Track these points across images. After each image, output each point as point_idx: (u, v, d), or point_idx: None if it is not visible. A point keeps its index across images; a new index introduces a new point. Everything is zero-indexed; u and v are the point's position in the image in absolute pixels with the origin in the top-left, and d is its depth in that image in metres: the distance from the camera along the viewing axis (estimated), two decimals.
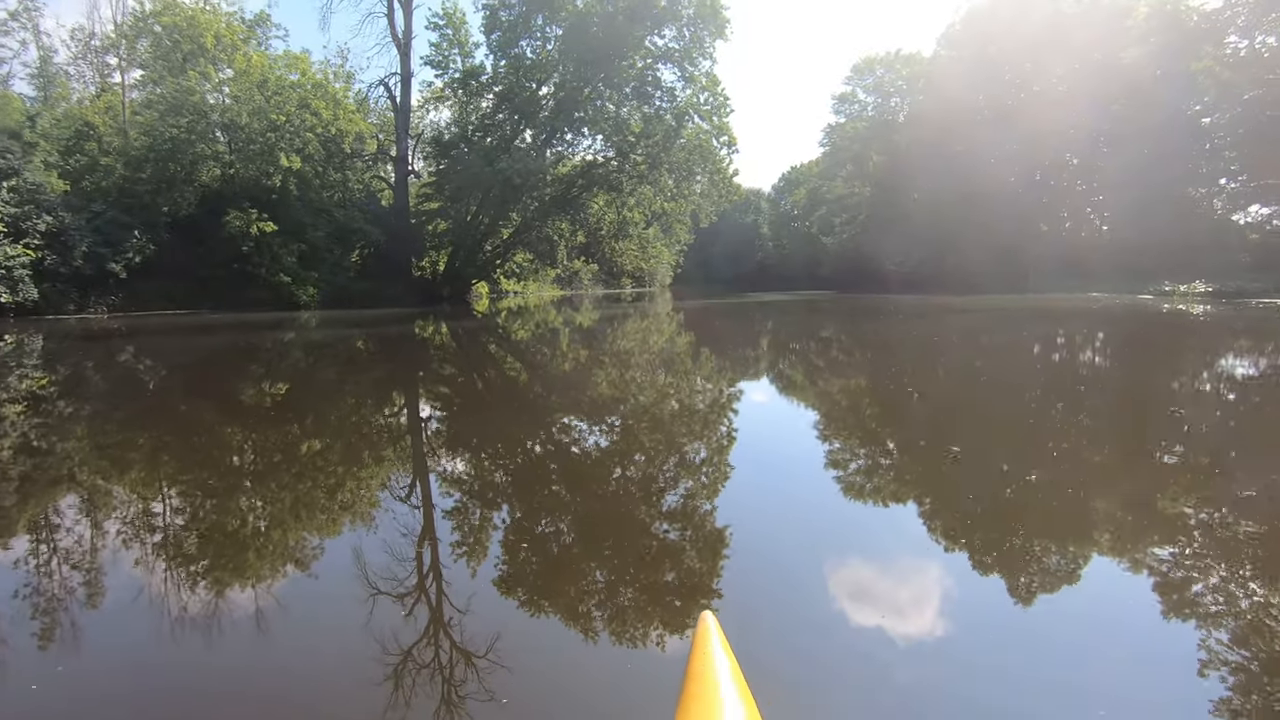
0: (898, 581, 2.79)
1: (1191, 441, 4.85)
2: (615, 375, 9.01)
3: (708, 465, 4.52)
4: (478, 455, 4.91)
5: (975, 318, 16.48)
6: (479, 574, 2.80)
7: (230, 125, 23.89)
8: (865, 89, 53.17)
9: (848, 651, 2.25)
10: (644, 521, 3.42)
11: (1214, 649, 2.08)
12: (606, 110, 29.36)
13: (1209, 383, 7.36)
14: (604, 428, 5.71)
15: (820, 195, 59.81)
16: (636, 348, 12.78)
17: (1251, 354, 9.68)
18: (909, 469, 4.56)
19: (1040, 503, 3.65)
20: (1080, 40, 33.07)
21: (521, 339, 15.14)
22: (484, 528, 3.37)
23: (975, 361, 9.83)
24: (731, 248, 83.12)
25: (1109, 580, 2.70)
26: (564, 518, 3.54)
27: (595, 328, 18.46)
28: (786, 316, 22.54)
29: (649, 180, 30.07)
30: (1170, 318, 13.82)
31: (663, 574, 2.79)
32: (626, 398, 7.20)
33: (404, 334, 16.51)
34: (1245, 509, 3.38)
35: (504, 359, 11.45)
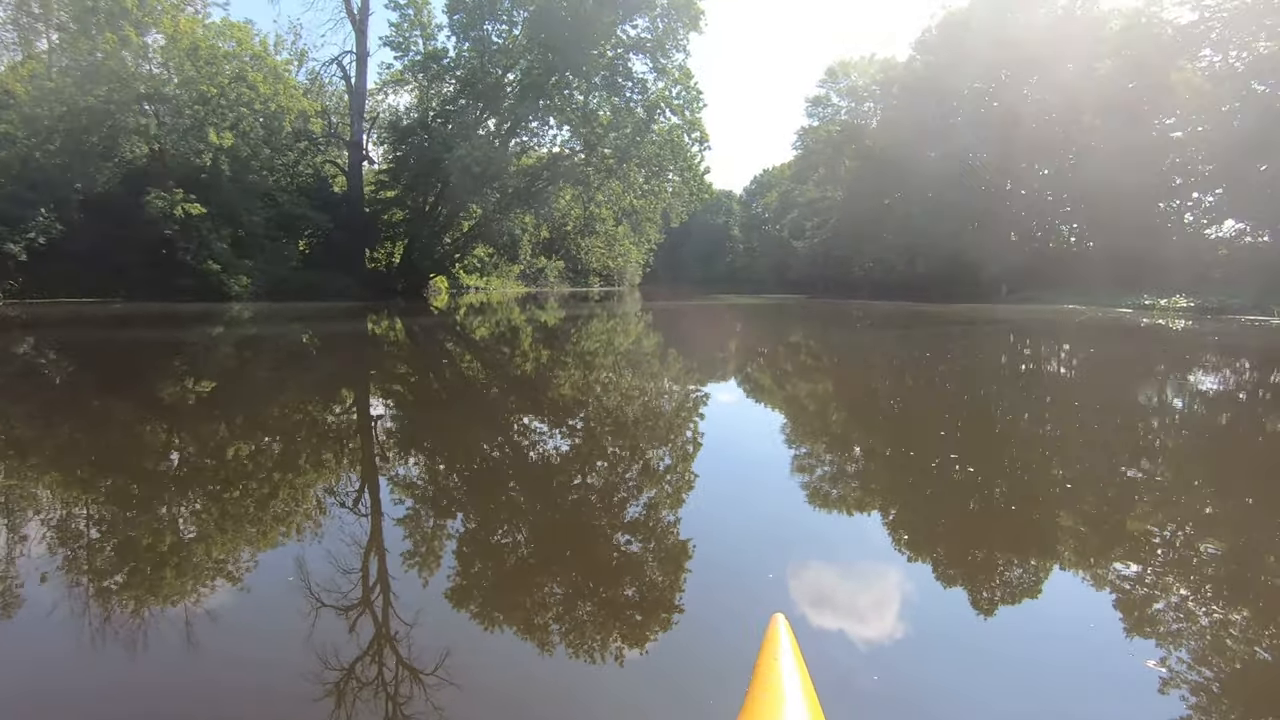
0: (860, 589, 2.75)
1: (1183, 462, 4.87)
2: (579, 377, 8.76)
3: (671, 473, 4.37)
4: (431, 460, 4.65)
5: (953, 329, 15.83)
6: (430, 586, 2.65)
7: (155, 96, 21.51)
8: (839, 92, 52.60)
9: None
10: (605, 530, 3.32)
11: (1174, 667, 2.07)
12: (574, 100, 27.83)
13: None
14: (565, 431, 5.52)
15: (792, 198, 59.15)
16: (601, 348, 12.45)
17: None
18: (876, 479, 4.52)
19: (1023, 517, 3.58)
20: (1054, 51, 32.68)
21: (481, 337, 14.52)
22: (436, 537, 3.21)
23: (969, 378, 9.60)
24: (702, 249, 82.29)
25: (1078, 595, 2.68)
26: (521, 527, 3.38)
27: (560, 327, 17.87)
28: (755, 320, 22.15)
29: (617, 175, 28.65)
30: (1174, 336, 13.02)
31: (624, 586, 2.69)
32: (589, 400, 7.02)
33: (352, 330, 15.60)
34: (1211, 528, 3.41)
35: (462, 358, 10.97)
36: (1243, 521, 3.45)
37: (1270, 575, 2.79)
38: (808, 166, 55.95)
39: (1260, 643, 2.24)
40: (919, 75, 42.19)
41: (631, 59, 28.01)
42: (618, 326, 18.65)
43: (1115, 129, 30.35)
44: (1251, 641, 2.26)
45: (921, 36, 43.14)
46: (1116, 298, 23.49)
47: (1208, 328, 15.08)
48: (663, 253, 74.60)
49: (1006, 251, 37.35)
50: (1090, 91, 31.59)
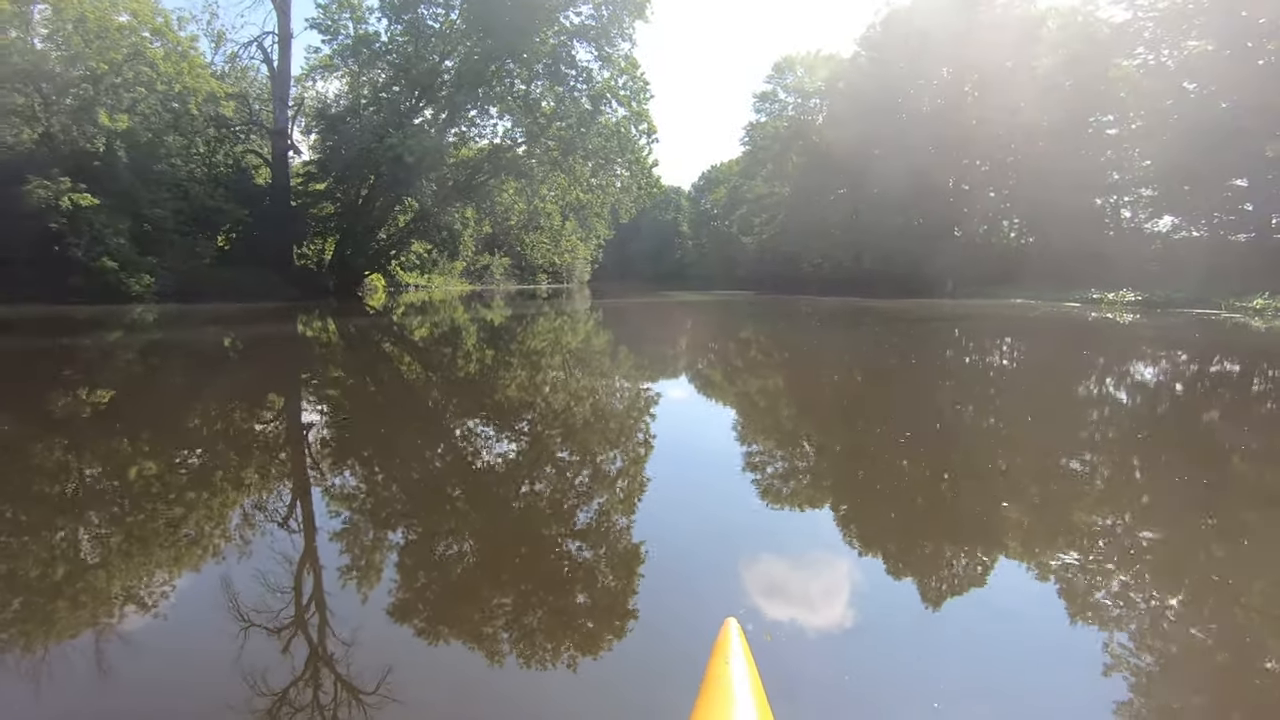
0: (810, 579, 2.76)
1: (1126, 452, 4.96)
2: (525, 377, 8.44)
3: (622, 476, 4.23)
4: (368, 469, 4.33)
5: (914, 327, 15.82)
6: (369, 601, 2.50)
7: (37, 73, 19.22)
8: (785, 88, 52.65)
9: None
10: (553, 537, 3.18)
11: (1117, 652, 2.12)
12: (516, 89, 26.57)
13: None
14: (510, 435, 5.31)
15: (740, 194, 59.01)
16: (549, 347, 12.09)
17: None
18: (828, 477, 4.49)
19: (972, 507, 3.63)
20: (994, 49, 33.23)
21: (421, 337, 13.87)
22: (375, 550, 3.01)
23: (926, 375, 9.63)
24: (651, 245, 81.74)
25: (1034, 587, 2.68)
26: (465, 536, 3.19)
27: (506, 325, 17.29)
28: (703, 318, 22.02)
29: (562, 167, 27.64)
30: (1132, 332, 12.77)
31: (572, 593, 2.61)
32: (535, 402, 6.77)
33: (276, 332, 14.64)
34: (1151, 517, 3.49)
35: (400, 360, 10.45)
36: (1201, 511, 3.45)
37: (1212, 562, 2.86)
38: (756, 163, 55.90)
39: (1198, 623, 2.34)
40: (864, 72, 42.53)
41: (576, 47, 27.05)
42: (565, 325, 18.15)
43: (1053, 126, 31.02)
44: (1191, 621, 2.36)
45: (867, 33, 43.47)
46: (1063, 292, 23.82)
47: (1162, 322, 15.49)
48: (612, 249, 73.83)
49: (951, 248, 37.90)
50: (1029, 89, 32.21)
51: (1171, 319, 15.25)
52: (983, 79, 35.42)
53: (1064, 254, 28.84)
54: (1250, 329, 13.12)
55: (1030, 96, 32.59)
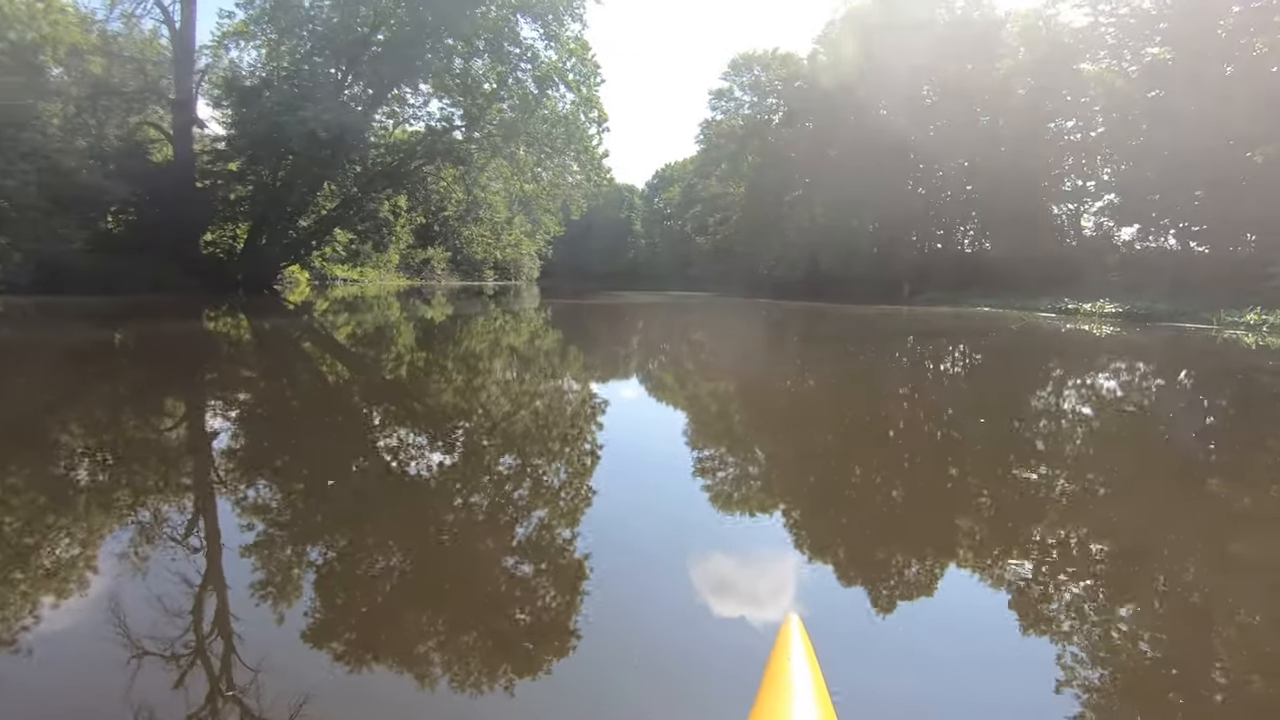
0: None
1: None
2: (462, 382, 7.78)
3: (567, 487, 3.86)
4: (282, 481, 3.87)
5: (891, 342, 13.46)
6: (285, 624, 2.23)
7: None
8: (742, 86, 51.27)
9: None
10: (490, 551, 2.89)
11: (1069, 665, 2.01)
12: (453, 65, 23.79)
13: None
14: (444, 444, 4.78)
15: (695, 193, 57.47)
16: (489, 350, 11.16)
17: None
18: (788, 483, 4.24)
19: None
20: (953, 50, 32.20)
21: (347, 336, 12.31)
22: (290, 569, 2.64)
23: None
24: (604, 243, 79.53)
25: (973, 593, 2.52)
26: (391, 552, 2.86)
27: (444, 325, 15.89)
28: (657, 319, 19.15)
29: (504, 154, 25.00)
30: (1164, 356, 11.24)
31: (509, 610, 2.39)
32: (472, 409, 6.13)
33: (172, 331, 12.30)
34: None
35: (321, 361, 9.47)
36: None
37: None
38: (711, 161, 54.40)
39: (1148, 631, 2.25)
40: (821, 71, 41.36)
41: (520, 23, 24.62)
42: (509, 325, 16.38)
43: (1012, 130, 30.25)
44: (1143, 629, 2.26)
45: (824, 32, 42.31)
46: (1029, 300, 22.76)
47: (1159, 339, 13.89)
48: (563, 246, 71.36)
49: (908, 252, 37.04)
50: (988, 92, 31.43)
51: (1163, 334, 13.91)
52: (941, 81, 34.55)
53: (1023, 261, 28.04)
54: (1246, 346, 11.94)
55: (989, 100, 31.87)
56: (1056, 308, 20.50)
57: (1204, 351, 11.63)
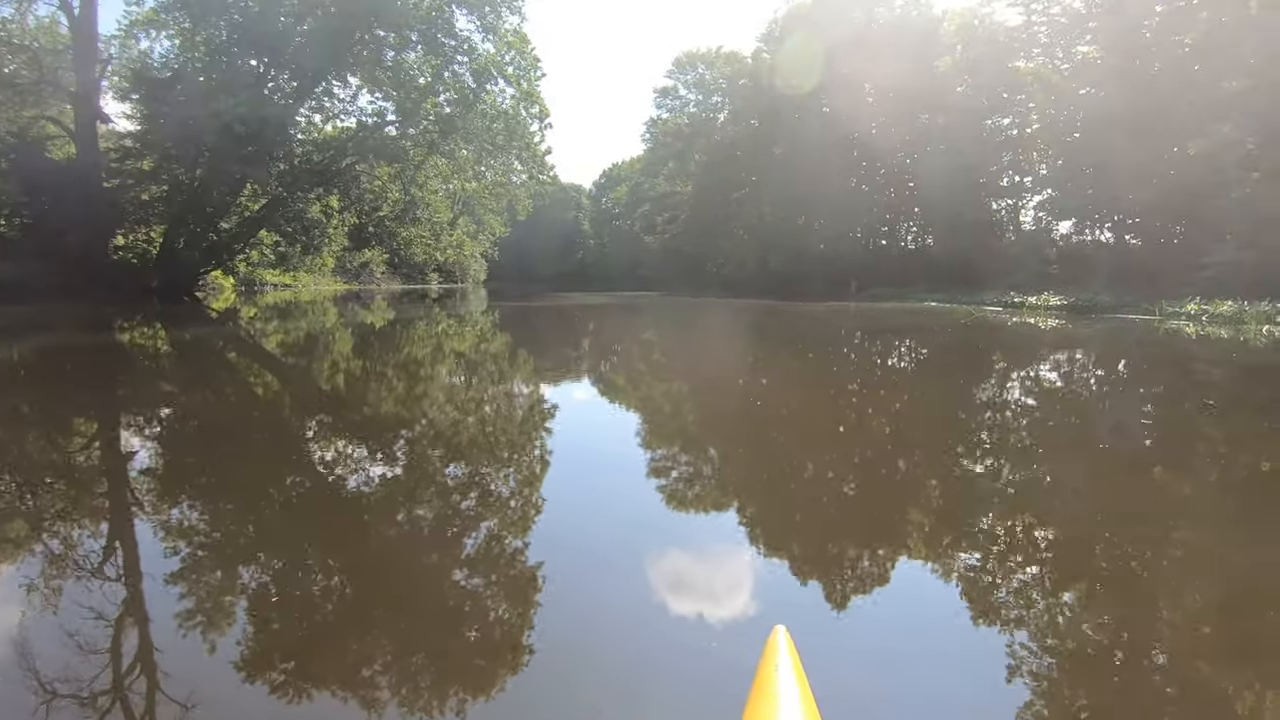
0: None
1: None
2: (403, 390, 7.22)
3: (517, 497, 3.60)
4: (208, 502, 3.50)
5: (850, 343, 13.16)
6: (216, 654, 2.03)
7: None
8: (687, 85, 51.09)
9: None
10: (436, 568, 2.67)
11: (1019, 654, 2.00)
12: (384, 57, 22.54)
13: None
14: (384, 456, 4.44)
15: (643, 192, 56.98)
16: (431, 355, 10.64)
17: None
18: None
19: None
20: (893, 48, 32.48)
21: (279, 346, 11.30)
22: (219, 595, 2.41)
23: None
24: (552, 244, 78.27)
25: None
26: (330, 571, 2.64)
27: (384, 331, 14.91)
28: (606, 320, 18.69)
29: (441, 151, 23.80)
30: (1122, 347, 11.08)
31: (460, 629, 2.22)
32: (415, 418, 5.71)
33: (78, 344, 11.08)
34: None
35: (250, 373, 8.73)
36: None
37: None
38: (658, 160, 54.04)
39: (1103, 623, 2.21)
40: (765, 69, 41.39)
41: (455, 14, 23.48)
42: (451, 330, 15.46)
43: (952, 127, 30.67)
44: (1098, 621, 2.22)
45: (768, 30, 42.37)
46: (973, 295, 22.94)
47: (1105, 330, 13.81)
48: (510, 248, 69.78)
49: (854, 249, 37.31)
50: (928, 90, 31.80)
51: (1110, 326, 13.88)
52: (881, 79, 34.91)
53: (964, 256, 28.49)
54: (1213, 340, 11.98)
55: (928, 98, 32.29)
56: (1002, 301, 20.68)
57: (1152, 343, 11.56)
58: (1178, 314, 15.08)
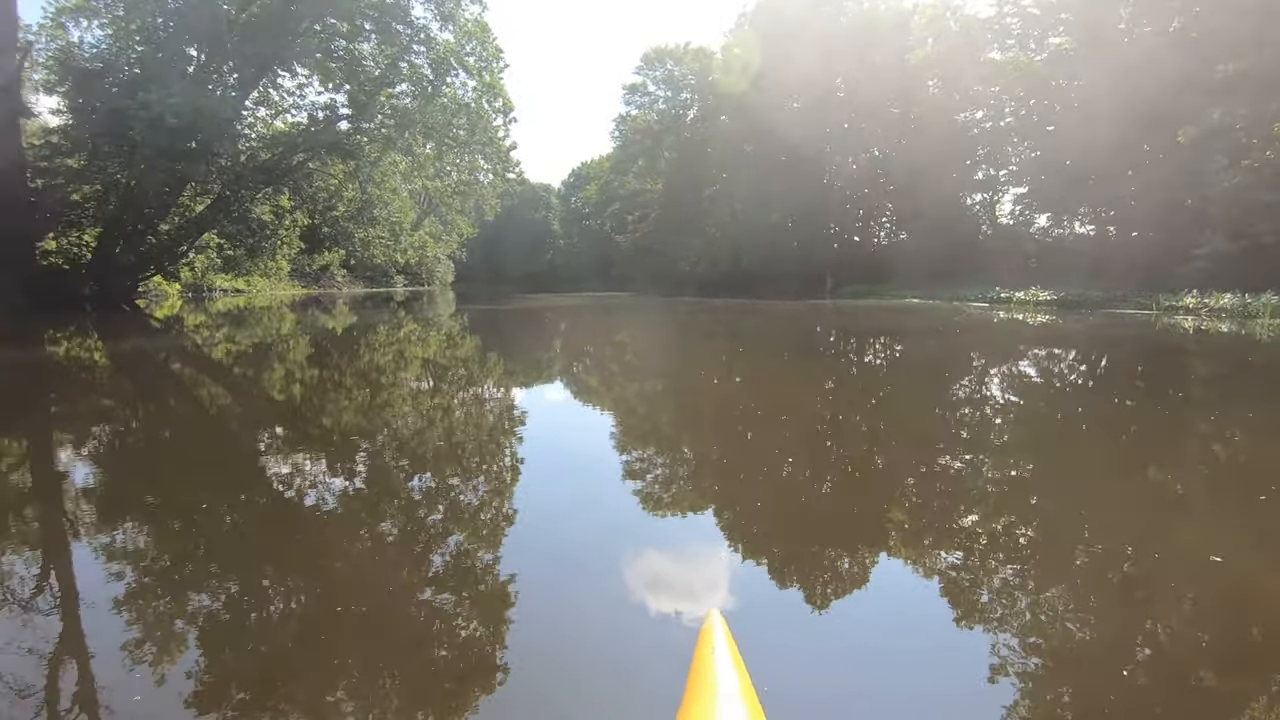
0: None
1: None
2: (363, 400, 6.58)
3: (486, 507, 3.41)
4: (154, 524, 3.20)
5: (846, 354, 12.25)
6: (164, 687, 1.85)
7: None
8: (655, 81, 49.98)
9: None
10: (404, 585, 2.48)
11: (1004, 654, 1.94)
12: (335, 46, 20.97)
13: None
14: (345, 470, 4.06)
15: (612, 190, 55.77)
16: (393, 362, 9.89)
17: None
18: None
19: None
20: (865, 41, 31.73)
21: (228, 356, 10.31)
22: (168, 623, 2.22)
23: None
24: (521, 245, 76.70)
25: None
26: (289, 594, 2.46)
27: (343, 338, 13.81)
28: (578, 323, 17.54)
29: (399, 147, 22.28)
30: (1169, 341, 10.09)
31: (430, 649, 2.08)
32: (376, 429, 5.29)
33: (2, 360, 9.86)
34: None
35: (197, 385, 7.84)
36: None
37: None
38: (627, 158, 52.89)
39: (1086, 621, 2.12)
40: (734, 65, 40.56)
41: (411, 1, 22.04)
42: (413, 336, 14.24)
43: (924, 121, 30.12)
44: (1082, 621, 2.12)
45: (736, 25, 41.55)
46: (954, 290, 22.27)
47: (1105, 327, 12.90)
48: (479, 249, 68.13)
49: (829, 245, 36.67)
50: (900, 83, 31.23)
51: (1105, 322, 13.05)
52: (853, 73, 34.29)
53: (940, 251, 27.90)
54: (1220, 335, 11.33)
55: (900, 91, 31.75)
56: (987, 297, 19.99)
57: (1169, 343, 10.67)
58: (1175, 308, 14.44)
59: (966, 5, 28.51)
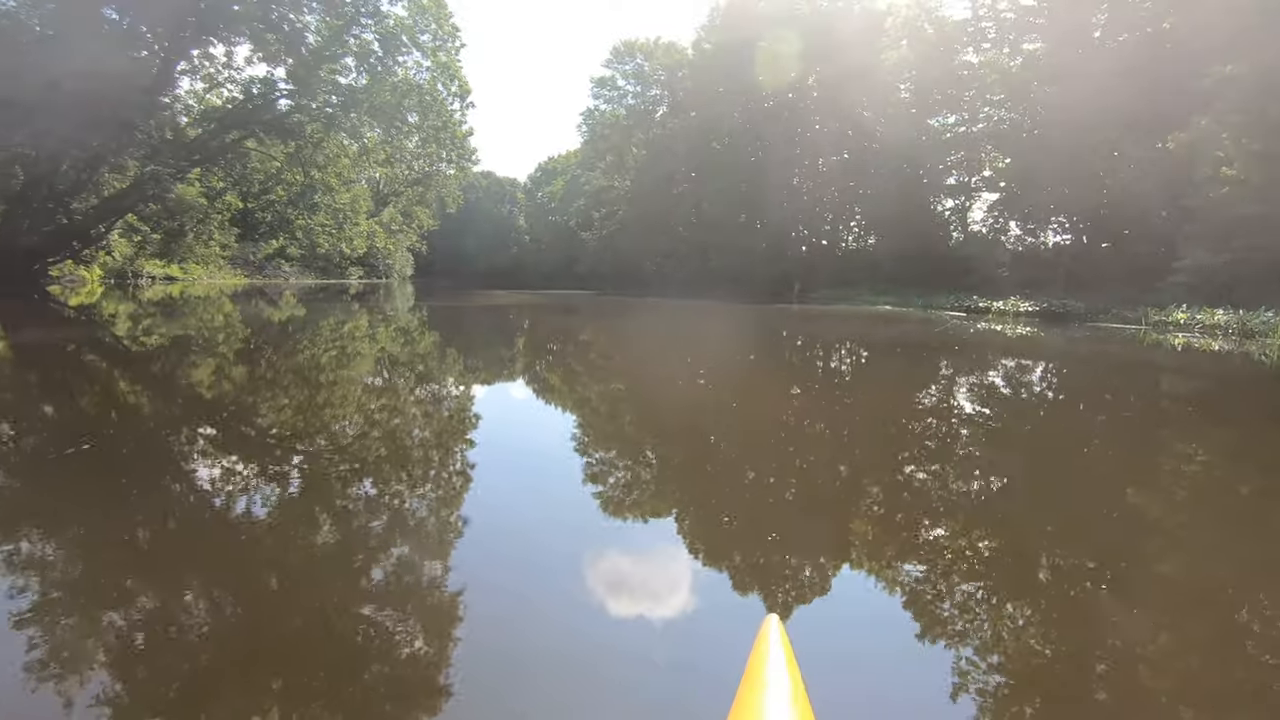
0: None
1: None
2: (301, 399, 5.94)
3: (433, 517, 3.10)
4: (58, 533, 2.85)
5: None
6: (72, 710, 1.66)
7: None
8: (625, 75, 48.58)
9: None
10: (339, 604, 2.23)
11: (964, 669, 1.91)
12: (274, 15, 19.04)
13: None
14: (278, 475, 3.71)
15: (579, 186, 54.19)
16: (335, 361, 8.79)
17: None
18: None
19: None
20: (838, 41, 30.78)
21: (151, 349, 9.14)
22: (79, 641, 2.02)
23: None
24: (485, 239, 74.49)
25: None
26: (215, 608, 2.23)
27: (283, 330, 12.77)
28: (538, 324, 15.97)
29: (344, 127, 20.43)
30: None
31: (379, 668, 1.88)
32: (315, 431, 4.80)
33: None
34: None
35: (110, 380, 6.76)
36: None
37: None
38: (595, 153, 51.35)
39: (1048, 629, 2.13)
40: (706, 60, 39.44)
41: None
42: (359, 331, 12.81)
43: (896, 124, 29.35)
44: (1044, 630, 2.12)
45: (709, 20, 40.36)
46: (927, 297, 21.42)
47: (1084, 336, 12.00)
48: (441, 242, 65.80)
49: (797, 248, 35.82)
50: (872, 85, 30.41)
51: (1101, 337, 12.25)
52: (826, 72, 33.41)
53: (910, 257, 27.21)
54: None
55: (872, 93, 30.96)
56: (963, 306, 19.10)
57: (1194, 368, 9.73)
58: (1164, 324, 13.63)
59: (942, 7, 27.81)
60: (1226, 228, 14.21)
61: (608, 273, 46.80)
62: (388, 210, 40.38)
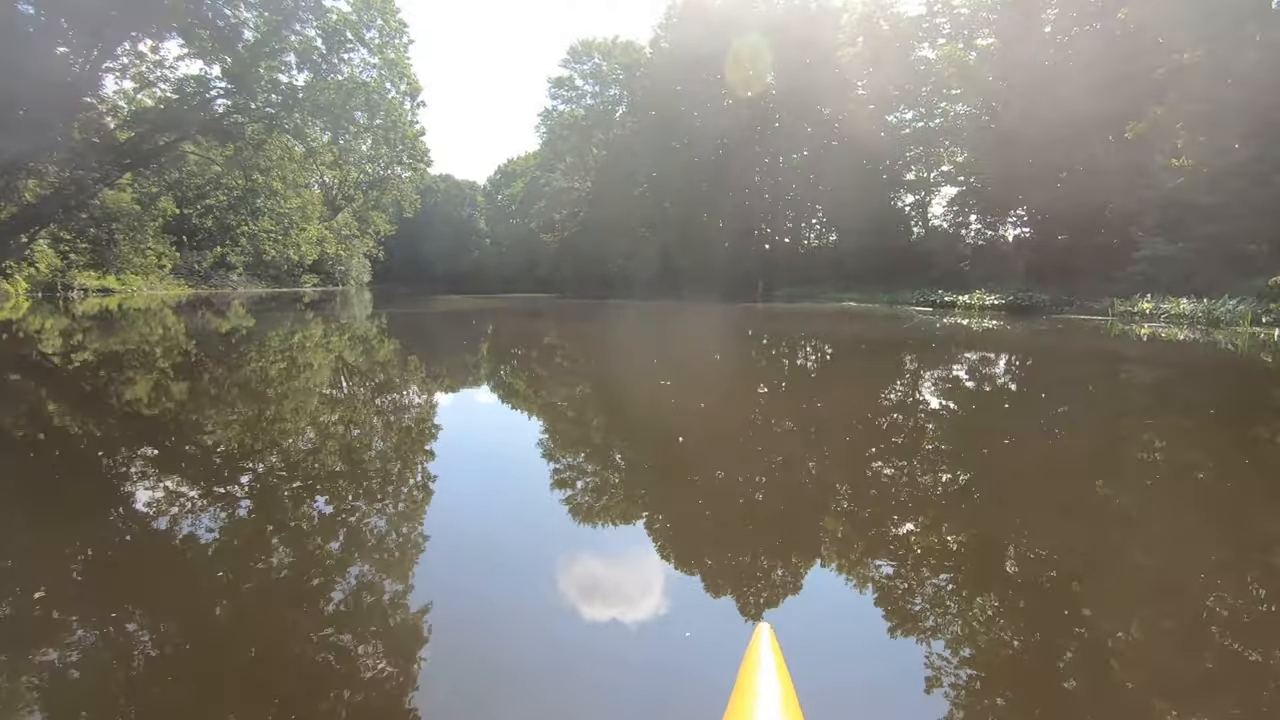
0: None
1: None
2: (252, 413, 5.48)
3: (396, 529, 2.97)
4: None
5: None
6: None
7: None
8: (583, 75, 47.93)
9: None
10: (304, 624, 2.11)
11: (937, 664, 1.88)
12: (203, 8, 17.91)
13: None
14: (223, 496, 3.44)
15: (539, 188, 53.29)
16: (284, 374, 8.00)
17: None
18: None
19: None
20: (796, 38, 30.70)
21: (82, 365, 8.33)
22: (15, 677, 1.86)
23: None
24: (444, 243, 72.90)
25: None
26: (160, 638, 2.08)
27: (228, 343, 11.73)
28: (499, 329, 15.28)
29: (285, 127, 19.36)
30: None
31: (347, 686, 1.80)
32: (263, 448, 4.47)
33: None
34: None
35: (36, 399, 6.23)
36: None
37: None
38: (554, 154, 50.57)
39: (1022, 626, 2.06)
40: (664, 59, 39.06)
41: None
42: (307, 342, 11.86)
43: (854, 121, 29.38)
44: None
45: (666, 19, 40.01)
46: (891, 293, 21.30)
47: (1052, 327, 11.84)
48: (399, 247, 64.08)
49: (760, 245, 35.67)
50: (831, 81, 30.40)
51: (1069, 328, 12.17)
52: (784, 70, 33.33)
53: (872, 253, 27.22)
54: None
55: (830, 90, 30.97)
56: (929, 300, 19.02)
57: (1170, 357, 9.54)
58: (1130, 314, 13.62)
59: (896, 3, 27.90)
60: (1182, 217, 14.33)
61: (569, 275, 46.09)
62: (341, 215, 38.98)
